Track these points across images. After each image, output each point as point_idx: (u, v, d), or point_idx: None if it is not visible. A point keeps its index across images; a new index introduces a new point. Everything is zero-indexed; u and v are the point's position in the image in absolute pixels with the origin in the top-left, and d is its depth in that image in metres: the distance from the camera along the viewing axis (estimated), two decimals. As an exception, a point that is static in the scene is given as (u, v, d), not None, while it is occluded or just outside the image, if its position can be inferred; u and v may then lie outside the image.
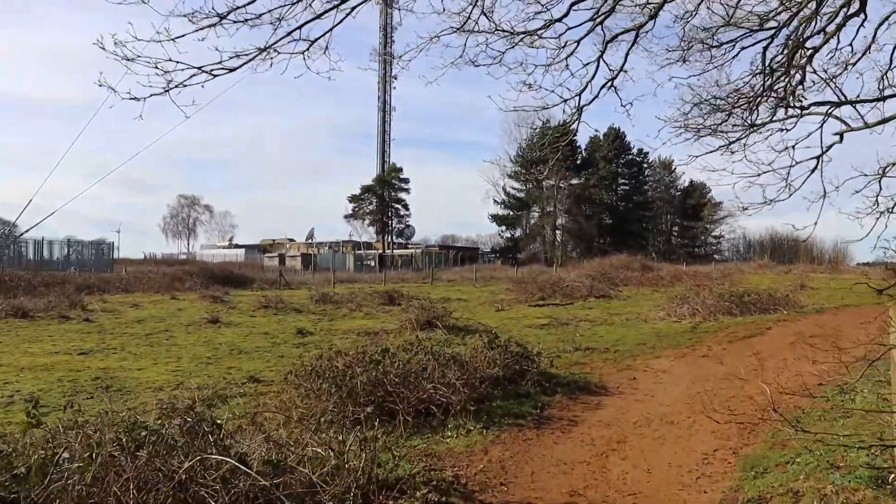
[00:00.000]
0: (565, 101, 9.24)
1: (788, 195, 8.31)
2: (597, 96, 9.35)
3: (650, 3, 9.69)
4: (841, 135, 7.77)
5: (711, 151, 9.52)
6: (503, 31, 8.81)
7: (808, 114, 8.40)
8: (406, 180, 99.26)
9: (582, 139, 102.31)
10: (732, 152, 9.49)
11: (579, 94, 9.23)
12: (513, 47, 8.95)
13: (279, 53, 7.05)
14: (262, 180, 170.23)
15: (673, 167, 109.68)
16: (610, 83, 9.33)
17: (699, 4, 10.24)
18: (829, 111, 8.12)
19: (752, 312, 20.23)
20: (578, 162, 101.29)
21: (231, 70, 6.74)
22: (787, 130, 8.81)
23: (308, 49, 7.16)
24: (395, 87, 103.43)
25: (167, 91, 6.50)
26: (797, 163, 8.28)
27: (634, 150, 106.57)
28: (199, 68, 6.61)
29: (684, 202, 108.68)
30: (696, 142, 9.58)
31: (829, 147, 8.12)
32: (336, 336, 18.53)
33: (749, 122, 9.13)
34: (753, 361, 13.78)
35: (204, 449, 5.67)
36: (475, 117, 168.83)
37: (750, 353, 14.74)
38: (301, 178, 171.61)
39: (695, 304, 20.37)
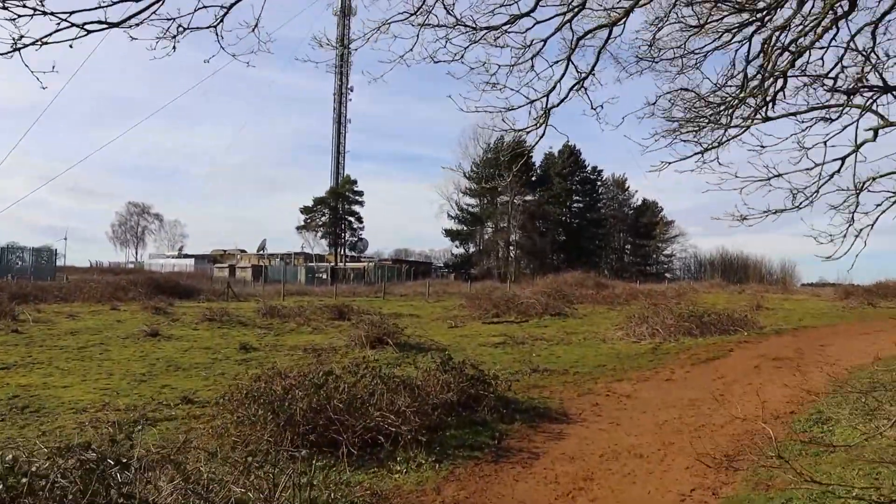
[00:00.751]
0: (531, 102, 8.53)
1: (808, 201, 7.64)
2: (565, 98, 8.70)
3: (619, 6, 9.08)
4: (875, 131, 7.09)
5: (684, 158, 8.89)
6: (464, 24, 8.06)
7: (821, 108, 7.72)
8: (360, 193, 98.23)
9: (537, 157, 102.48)
10: (705, 162, 8.89)
11: (547, 95, 8.53)
12: (475, 43, 8.20)
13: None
14: (216, 190, 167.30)
15: (626, 185, 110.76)
16: (579, 84, 8.63)
17: (671, 9, 9.72)
18: (868, 103, 7.45)
19: (713, 333, 19.73)
20: (533, 179, 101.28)
21: (111, 26, 5.29)
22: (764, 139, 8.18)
23: (223, 19, 6.09)
24: (350, 100, 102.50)
25: (16, 49, 5.03)
26: (825, 163, 7.59)
27: (589, 168, 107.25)
28: (67, 20, 5.10)
29: (637, 220, 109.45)
30: (669, 147, 8.96)
31: (861, 144, 7.41)
32: (281, 352, 17.51)
33: (726, 125, 8.52)
34: (719, 385, 13.16)
35: (105, 498, 4.72)
36: (432, 132, 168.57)
37: (714, 377, 14.14)
38: (255, 190, 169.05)
39: (654, 324, 19.80)
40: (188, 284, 46.08)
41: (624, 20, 8.94)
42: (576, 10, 8.54)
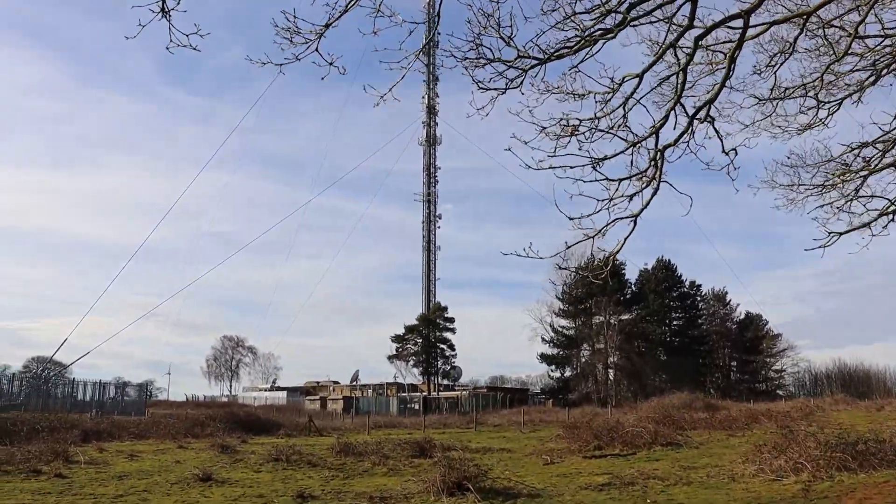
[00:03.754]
0: (635, 144, 6.56)
1: None
2: (680, 138, 7.94)
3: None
4: None
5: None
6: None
7: None
8: (451, 319, 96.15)
9: (631, 273, 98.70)
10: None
11: (656, 134, 6.75)
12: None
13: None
14: (309, 322, 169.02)
15: (727, 299, 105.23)
16: (704, 111, 6.80)
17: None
18: None
19: (876, 466, 15.72)
20: (628, 296, 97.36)
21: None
22: None
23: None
24: (439, 227, 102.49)
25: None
26: None
27: (686, 283, 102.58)
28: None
29: (741, 335, 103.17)
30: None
31: None
32: (344, 502, 14.77)
33: None
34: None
35: None
36: (518, 258, 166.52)
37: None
38: (348, 320, 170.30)
39: (795, 456, 16.09)
40: (269, 418, 44.29)
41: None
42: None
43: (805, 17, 9.12)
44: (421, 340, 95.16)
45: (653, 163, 8.71)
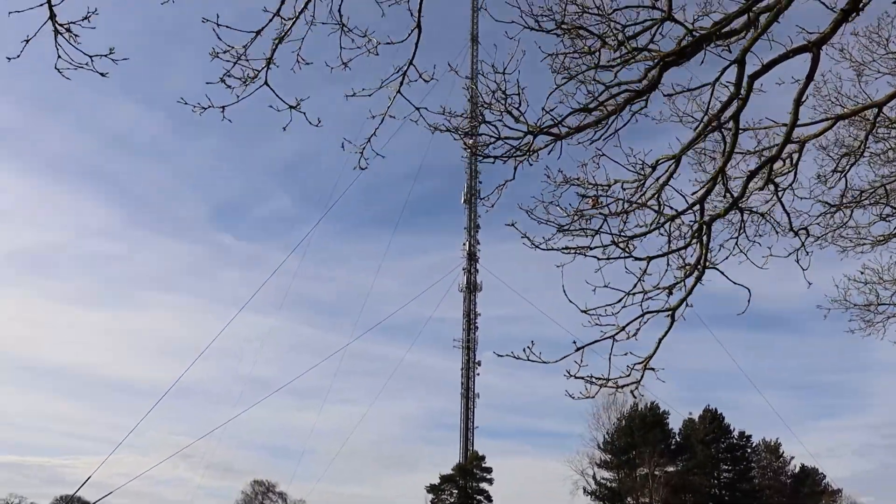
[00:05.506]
0: (673, 217, 6.27)
1: None
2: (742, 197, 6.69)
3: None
4: None
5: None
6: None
7: None
8: (489, 469, 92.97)
9: (675, 423, 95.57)
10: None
11: (700, 201, 6.34)
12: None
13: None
14: (343, 469, 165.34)
15: (780, 451, 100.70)
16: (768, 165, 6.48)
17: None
18: None
19: None
20: (673, 447, 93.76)
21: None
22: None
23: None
24: (478, 374, 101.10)
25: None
26: None
27: (735, 433, 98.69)
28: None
29: (797, 490, 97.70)
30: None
31: None
32: None
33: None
34: None
35: None
36: (560, 405, 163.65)
37: None
38: (383, 468, 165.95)
39: None
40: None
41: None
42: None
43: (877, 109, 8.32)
44: (457, 491, 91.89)
45: (695, 240, 7.78)
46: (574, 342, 8.36)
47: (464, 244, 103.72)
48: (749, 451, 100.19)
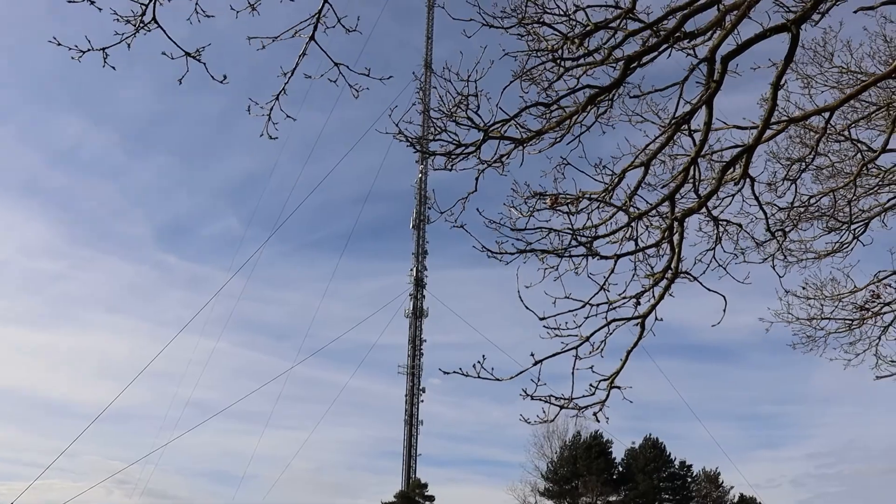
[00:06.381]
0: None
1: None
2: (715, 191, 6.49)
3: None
4: None
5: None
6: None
7: None
8: (431, 497, 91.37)
9: (617, 452, 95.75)
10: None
11: (671, 196, 5.82)
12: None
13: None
14: (284, 495, 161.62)
15: (720, 480, 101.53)
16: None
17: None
18: None
19: None
20: (615, 476, 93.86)
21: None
22: None
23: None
24: (422, 401, 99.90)
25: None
26: None
27: (676, 463, 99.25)
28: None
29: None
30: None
31: None
32: None
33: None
34: None
35: None
36: (504, 434, 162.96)
37: None
38: (324, 495, 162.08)
39: None
40: None
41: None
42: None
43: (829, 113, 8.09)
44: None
45: (665, 237, 7.21)
46: (531, 354, 7.84)
47: (411, 270, 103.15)
48: (689, 480, 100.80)
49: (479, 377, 7.63)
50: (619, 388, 7.35)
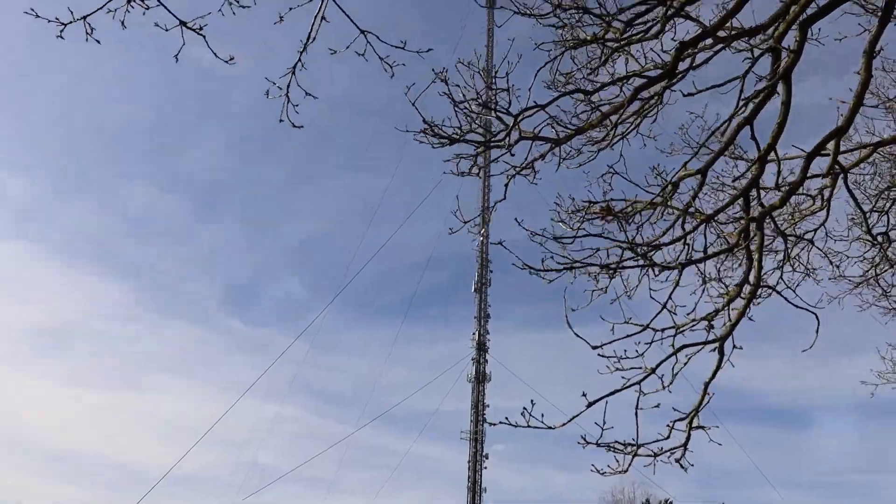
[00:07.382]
0: None
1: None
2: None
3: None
4: None
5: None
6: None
7: None
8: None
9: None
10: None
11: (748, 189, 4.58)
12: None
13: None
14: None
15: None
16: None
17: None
18: None
19: None
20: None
21: None
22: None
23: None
24: (485, 468, 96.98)
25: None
26: None
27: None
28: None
29: None
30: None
31: None
32: None
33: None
34: None
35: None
36: (571, 500, 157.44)
37: None
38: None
39: None
40: None
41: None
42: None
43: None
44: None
45: (741, 244, 5.96)
46: (584, 395, 6.58)
47: (473, 334, 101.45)
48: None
49: (528, 426, 6.58)
50: (703, 428, 5.98)
